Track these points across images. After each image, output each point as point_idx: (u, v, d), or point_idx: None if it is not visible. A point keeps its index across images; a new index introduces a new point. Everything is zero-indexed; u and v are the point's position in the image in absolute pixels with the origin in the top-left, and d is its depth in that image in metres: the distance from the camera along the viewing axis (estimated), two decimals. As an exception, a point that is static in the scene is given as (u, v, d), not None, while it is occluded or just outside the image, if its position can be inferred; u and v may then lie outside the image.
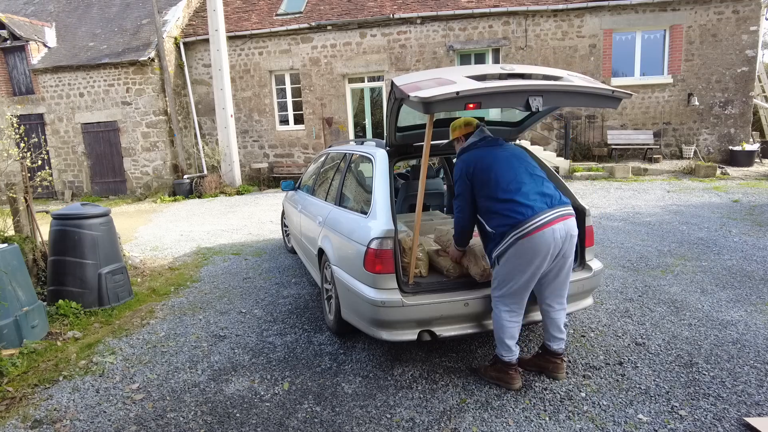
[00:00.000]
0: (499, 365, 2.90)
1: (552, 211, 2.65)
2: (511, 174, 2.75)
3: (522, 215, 2.62)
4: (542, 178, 2.82)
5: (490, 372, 2.95)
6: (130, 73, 13.46)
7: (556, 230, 2.62)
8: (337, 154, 4.59)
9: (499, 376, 2.90)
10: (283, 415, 2.75)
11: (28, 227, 5.14)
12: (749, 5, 11.49)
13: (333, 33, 13.25)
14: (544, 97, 2.50)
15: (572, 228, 2.72)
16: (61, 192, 14.47)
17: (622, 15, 11.96)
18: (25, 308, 3.74)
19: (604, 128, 12.41)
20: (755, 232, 5.97)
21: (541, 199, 2.68)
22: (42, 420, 2.83)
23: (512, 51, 12.46)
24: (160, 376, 3.29)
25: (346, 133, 13.69)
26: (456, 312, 2.94)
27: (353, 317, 3.23)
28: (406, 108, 2.83)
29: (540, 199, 2.68)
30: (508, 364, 2.86)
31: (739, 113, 11.91)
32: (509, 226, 2.64)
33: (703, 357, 3.13)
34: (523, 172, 2.78)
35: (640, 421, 2.52)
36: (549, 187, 2.80)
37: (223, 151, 13.25)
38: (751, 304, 3.91)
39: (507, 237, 2.64)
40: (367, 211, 3.24)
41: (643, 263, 5.07)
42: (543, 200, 2.68)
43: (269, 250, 6.62)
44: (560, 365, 2.95)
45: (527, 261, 2.64)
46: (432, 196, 5.17)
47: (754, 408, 2.58)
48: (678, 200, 8.17)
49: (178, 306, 4.64)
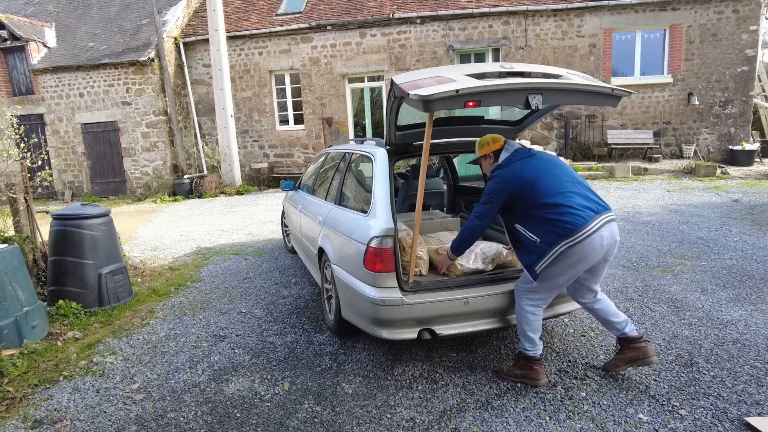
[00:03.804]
0: (523, 362, 2.89)
1: (599, 217, 2.63)
2: (556, 183, 2.71)
3: (573, 225, 2.58)
4: (584, 185, 2.80)
5: (514, 371, 2.93)
6: (130, 73, 13.46)
7: (604, 237, 2.62)
8: (337, 153, 4.59)
9: (524, 374, 2.88)
10: (284, 415, 2.75)
11: (28, 227, 5.14)
12: (749, 5, 11.48)
13: (333, 33, 13.25)
14: (544, 95, 2.50)
15: (616, 233, 2.71)
16: (61, 192, 14.47)
17: (622, 14, 11.95)
18: (25, 308, 3.74)
19: (604, 128, 12.41)
20: (755, 232, 5.97)
21: (588, 207, 2.66)
22: (42, 420, 2.83)
23: (512, 51, 12.46)
24: (161, 376, 3.28)
25: (346, 133, 13.69)
26: (456, 310, 2.93)
27: (353, 316, 3.23)
28: (406, 107, 2.82)
29: (587, 207, 2.66)
30: (532, 359, 2.85)
31: (739, 113, 11.91)
32: (560, 236, 2.59)
33: (703, 356, 3.13)
34: (566, 180, 2.75)
35: (641, 421, 2.52)
36: (591, 192, 2.78)
37: (223, 151, 13.25)
38: (751, 304, 3.90)
39: (555, 247, 2.60)
40: (367, 210, 3.24)
41: (643, 263, 5.07)
42: (590, 207, 2.66)
43: (269, 250, 6.61)
44: (648, 348, 2.82)
45: (570, 265, 2.64)
46: (432, 195, 5.16)
47: (755, 407, 2.58)
48: (678, 200, 8.17)
49: (179, 306, 4.64)
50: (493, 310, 3.02)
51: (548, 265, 2.65)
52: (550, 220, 2.63)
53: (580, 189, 2.74)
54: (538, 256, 2.67)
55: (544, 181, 2.72)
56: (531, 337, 2.83)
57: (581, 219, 2.60)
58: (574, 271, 2.68)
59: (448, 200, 5.27)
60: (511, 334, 3.59)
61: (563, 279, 2.71)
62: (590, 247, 2.59)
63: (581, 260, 2.62)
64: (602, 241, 2.61)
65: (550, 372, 3.01)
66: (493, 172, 2.90)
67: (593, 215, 2.63)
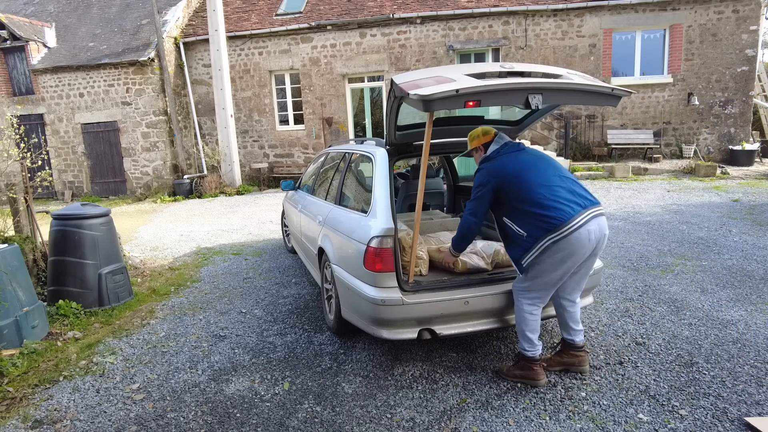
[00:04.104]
0: (522, 362, 2.89)
1: (587, 211, 2.63)
2: (541, 177, 2.72)
3: (558, 220, 2.58)
4: (571, 179, 2.80)
5: (514, 371, 2.93)
6: (130, 73, 13.46)
7: (591, 231, 2.61)
8: (337, 153, 4.59)
9: (523, 374, 2.88)
10: (284, 415, 2.75)
11: (28, 227, 5.14)
12: (749, 5, 11.48)
13: (333, 33, 13.25)
14: (544, 94, 2.50)
15: (605, 227, 2.71)
16: (61, 192, 14.47)
17: (622, 14, 11.95)
18: (25, 308, 3.74)
19: (604, 128, 12.41)
20: (755, 232, 5.97)
21: (575, 201, 2.66)
22: (42, 420, 2.83)
23: (512, 51, 12.45)
24: (161, 376, 3.28)
25: (346, 133, 13.69)
26: (456, 310, 2.93)
27: (353, 316, 3.23)
28: (406, 107, 2.82)
29: (574, 201, 2.65)
30: (531, 360, 2.85)
31: (739, 113, 11.91)
32: (544, 230, 2.59)
33: (703, 356, 3.13)
34: (552, 175, 2.75)
35: (641, 421, 2.52)
36: (579, 186, 2.78)
37: (223, 151, 13.25)
38: (751, 304, 3.90)
39: (541, 241, 2.60)
40: (367, 209, 3.24)
41: (643, 263, 5.07)
42: (577, 201, 2.66)
43: (269, 250, 6.61)
44: (585, 358, 2.95)
45: (560, 260, 2.63)
46: (432, 195, 5.16)
47: (755, 407, 2.58)
48: (678, 200, 8.17)
49: (179, 306, 4.64)
50: (492, 309, 3.02)
51: (535, 260, 2.65)
52: (535, 215, 2.63)
53: (567, 183, 2.74)
54: (524, 249, 2.68)
55: (528, 175, 2.72)
56: (530, 337, 2.83)
57: (566, 214, 2.59)
58: (566, 267, 2.67)
59: (448, 200, 5.27)
60: (510, 334, 3.59)
61: (555, 276, 2.70)
62: (577, 242, 2.58)
63: (570, 255, 2.62)
64: (590, 235, 2.61)
65: (550, 372, 3.01)
66: (481, 165, 2.91)
67: (580, 209, 2.62)
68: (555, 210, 2.60)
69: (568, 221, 2.58)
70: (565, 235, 2.57)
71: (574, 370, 2.96)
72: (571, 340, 2.95)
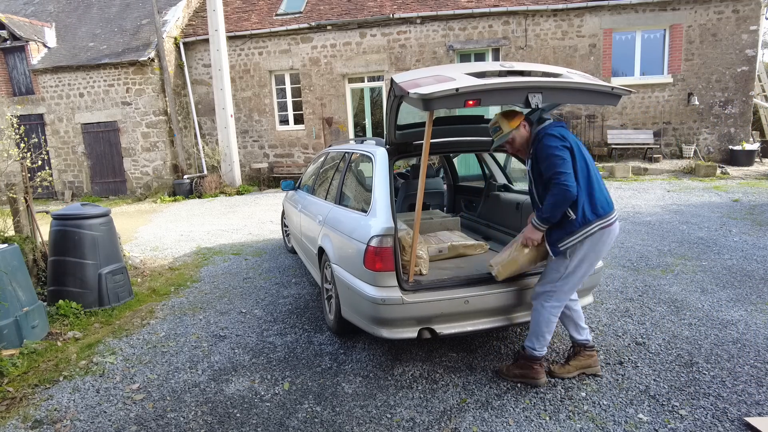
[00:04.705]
0: (523, 361, 2.88)
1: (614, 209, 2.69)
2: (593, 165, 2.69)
3: (607, 207, 2.62)
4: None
5: (514, 370, 2.92)
6: (130, 73, 13.46)
7: (615, 231, 2.67)
8: (337, 153, 4.59)
9: (523, 373, 2.87)
10: (284, 415, 2.74)
11: (28, 227, 5.13)
12: (749, 5, 11.48)
13: (333, 33, 13.25)
14: (544, 94, 2.50)
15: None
16: (61, 192, 14.46)
17: (622, 14, 11.95)
18: (25, 308, 3.74)
19: (604, 128, 12.40)
20: (755, 232, 5.96)
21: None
22: (42, 420, 2.83)
23: (512, 51, 12.45)
24: (161, 376, 3.28)
25: (346, 133, 13.68)
26: (456, 309, 2.93)
27: (353, 316, 3.23)
28: (406, 106, 2.82)
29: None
30: (536, 359, 2.83)
31: (739, 113, 11.90)
32: (596, 215, 2.57)
33: (703, 356, 3.13)
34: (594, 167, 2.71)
35: (641, 421, 2.52)
36: None
37: (223, 151, 13.25)
38: (751, 304, 3.90)
39: (591, 225, 2.56)
40: (367, 209, 3.24)
41: (643, 263, 5.06)
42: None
43: (269, 250, 6.61)
44: (596, 357, 2.95)
45: (598, 253, 2.64)
46: (432, 195, 5.17)
47: (755, 407, 2.58)
48: (678, 200, 8.17)
49: (179, 306, 4.64)
50: (493, 309, 3.01)
51: (575, 246, 2.59)
52: (592, 196, 2.58)
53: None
54: (568, 233, 2.59)
55: (586, 154, 2.69)
56: (546, 338, 2.80)
57: (611, 205, 2.65)
58: (590, 264, 2.66)
59: (448, 200, 5.28)
60: (511, 334, 3.59)
61: (581, 272, 2.67)
62: (612, 235, 2.62)
63: (602, 249, 2.64)
64: (615, 233, 2.66)
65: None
66: (544, 131, 2.64)
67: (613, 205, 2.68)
68: (607, 199, 2.63)
69: (611, 213, 2.62)
70: (608, 225, 2.59)
71: (590, 372, 2.93)
72: (585, 340, 2.93)
